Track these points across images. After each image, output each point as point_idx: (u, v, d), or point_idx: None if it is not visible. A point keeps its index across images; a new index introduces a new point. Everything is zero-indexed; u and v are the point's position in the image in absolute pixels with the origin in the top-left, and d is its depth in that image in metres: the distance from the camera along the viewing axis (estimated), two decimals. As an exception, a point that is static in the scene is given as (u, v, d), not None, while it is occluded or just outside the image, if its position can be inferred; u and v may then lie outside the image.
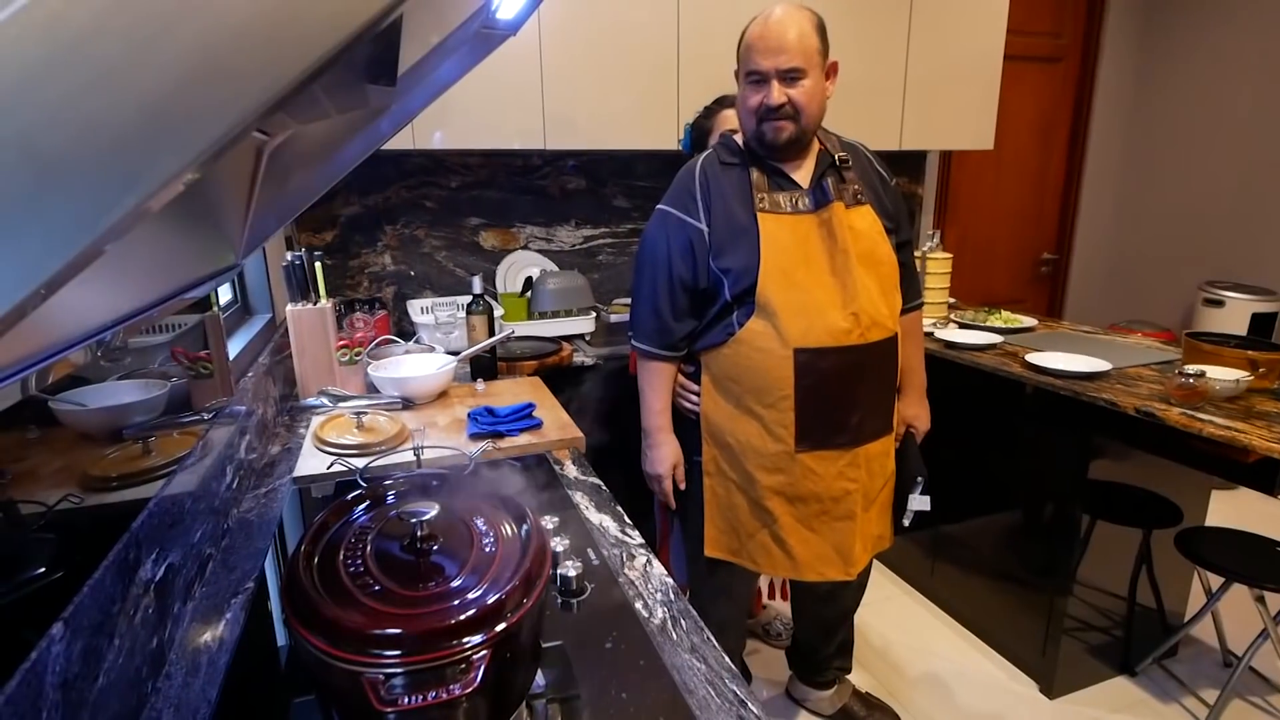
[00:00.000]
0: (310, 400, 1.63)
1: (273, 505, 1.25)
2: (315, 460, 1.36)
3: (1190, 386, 1.64)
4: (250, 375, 1.45)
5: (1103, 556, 1.93)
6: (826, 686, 1.89)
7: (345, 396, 1.58)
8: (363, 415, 1.46)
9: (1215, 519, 2.06)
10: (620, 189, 2.74)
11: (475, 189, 2.57)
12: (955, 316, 2.59)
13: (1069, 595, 1.92)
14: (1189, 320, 3.42)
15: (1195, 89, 3.47)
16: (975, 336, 2.29)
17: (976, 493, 2.21)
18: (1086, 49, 3.55)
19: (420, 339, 2.21)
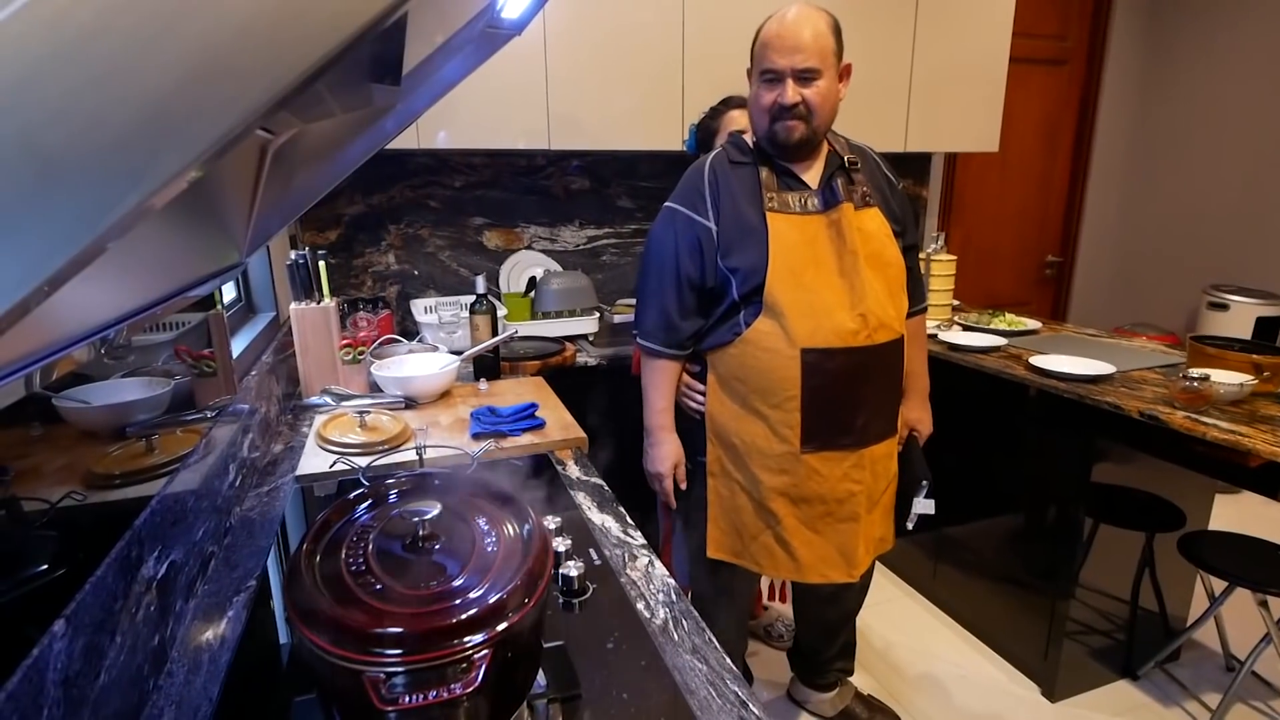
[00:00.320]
0: (313, 399, 1.63)
1: (275, 504, 1.25)
2: (318, 459, 1.36)
3: (1194, 390, 1.64)
4: (253, 374, 1.45)
5: (1105, 560, 1.93)
6: (828, 688, 1.88)
7: (348, 395, 1.59)
8: (365, 414, 1.46)
9: (1218, 523, 2.05)
10: (624, 189, 2.74)
11: (479, 189, 2.57)
12: (959, 319, 2.59)
13: (1071, 598, 1.91)
14: (1193, 324, 3.41)
15: (1200, 92, 3.46)
16: (979, 339, 2.28)
17: (979, 495, 2.20)
18: (1092, 52, 3.54)
19: (423, 338, 2.21)
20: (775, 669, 2.08)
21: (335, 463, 1.33)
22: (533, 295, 2.45)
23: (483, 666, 0.56)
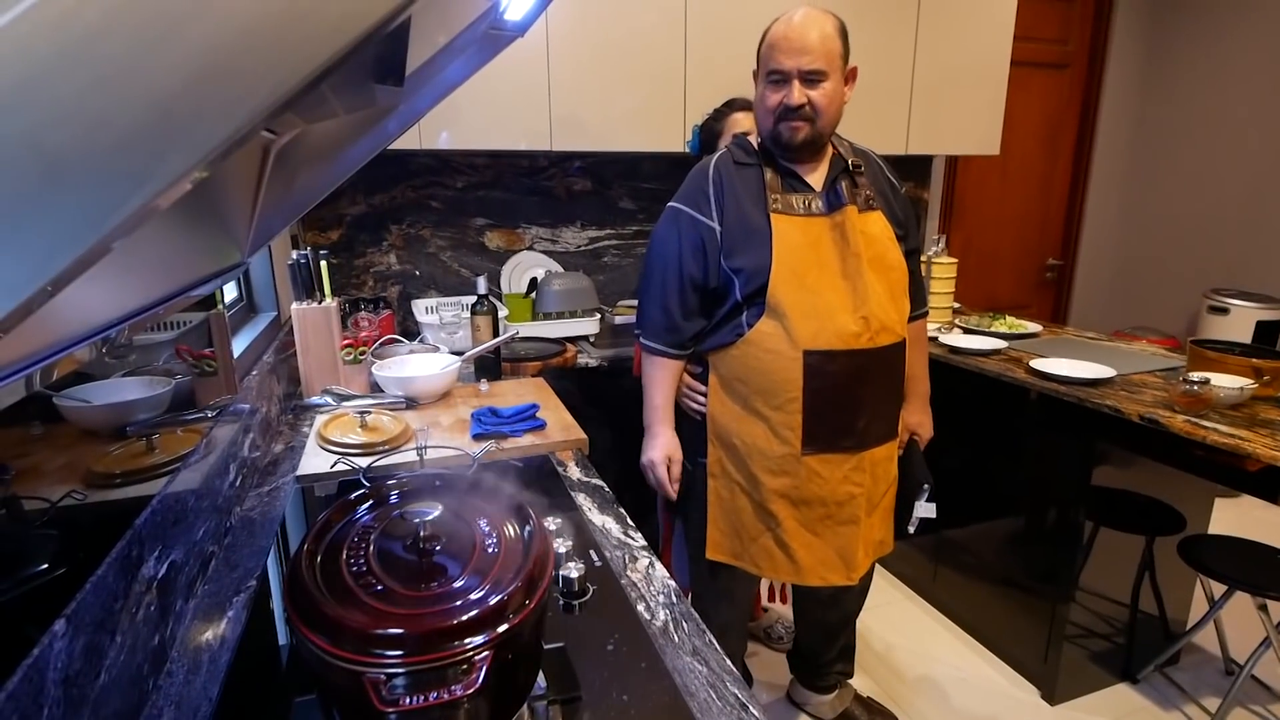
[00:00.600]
0: (314, 399, 1.63)
1: (276, 504, 1.25)
2: (319, 459, 1.36)
3: (1194, 394, 1.64)
4: (254, 373, 1.45)
5: (1105, 563, 1.93)
6: (828, 691, 1.88)
7: (349, 395, 1.59)
8: (366, 414, 1.46)
9: (1218, 527, 2.05)
10: (626, 191, 2.74)
11: (481, 189, 2.57)
12: (960, 322, 2.59)
13: (1071, 602, 1.91)
14: (1194, 327, 3.41)
15: (1202, 96, 3.46)
16: (979, 342, 2.28)
17: (979, 498, 2.20)
18: (1093, 56, 3.55)
19: (425, 339, 2.21)
20: (775, 671, 2.08)
21: (336, 463, 1.33)
22: (534, 296, 2.45)
23: (483, 668, 0.56)
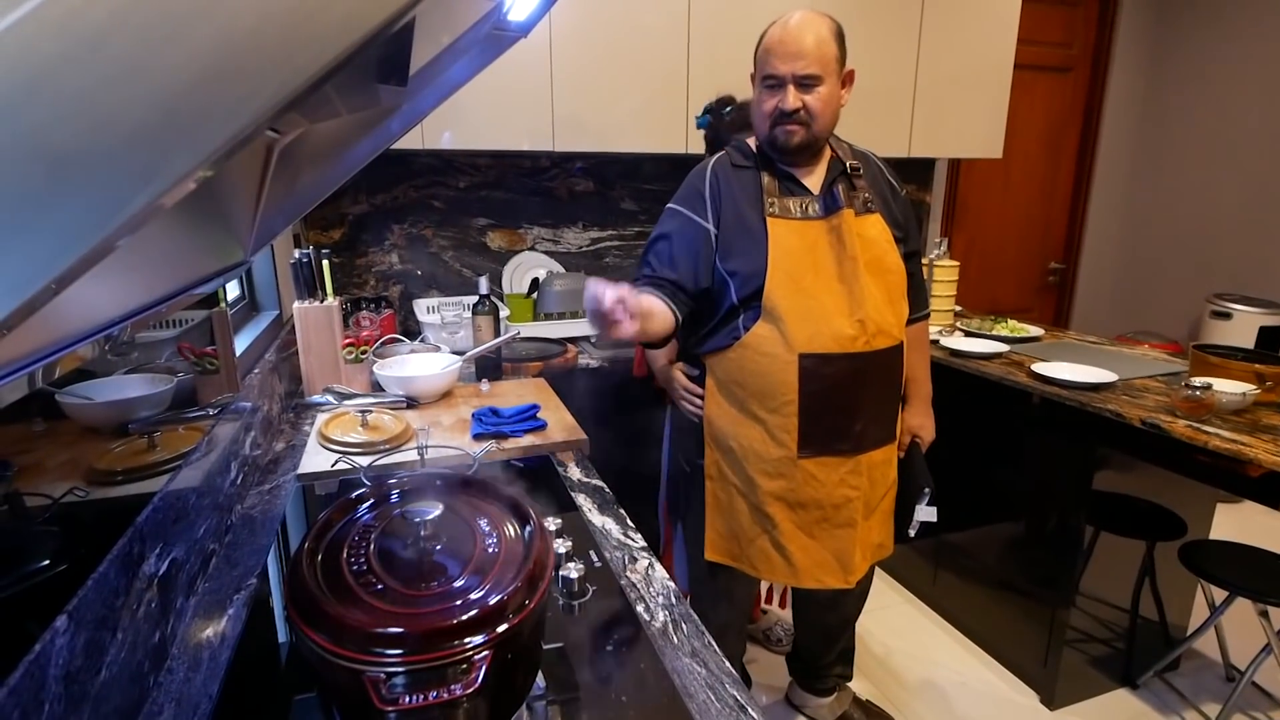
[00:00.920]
0: (316, 397, 1.63)
1: (276, 502, 1.25)
2: (319, 457, 1.36)
3: (1196, 399, 1.63)
4: (256, 371, 1.45)
5: (1106, 568, 1.92)
6: (827, 693, 1.88)
7: (350, 394, 1.59)
8: (367, 413, 1.47)
9: (1219, 532, 2.05)
10: (628, 191, 2.74)
11: (483, 189, 2.58)
12: (961, 325, 2.59)
13: (1071, 606, 1.91)
14: (1196, 332, 3.40)
15: (1205, 101, 3.46)
16: (981, 345, 2.28)
17: (980, 502, 2.20)
18: (1097, 59, 3.54)
19: (426, 338, 2.21)
20: (774, 673, 2.07)
21: (337, 462, 1.33)
22: (535, 296, 2.45)
23: (483, 667, 0.56)
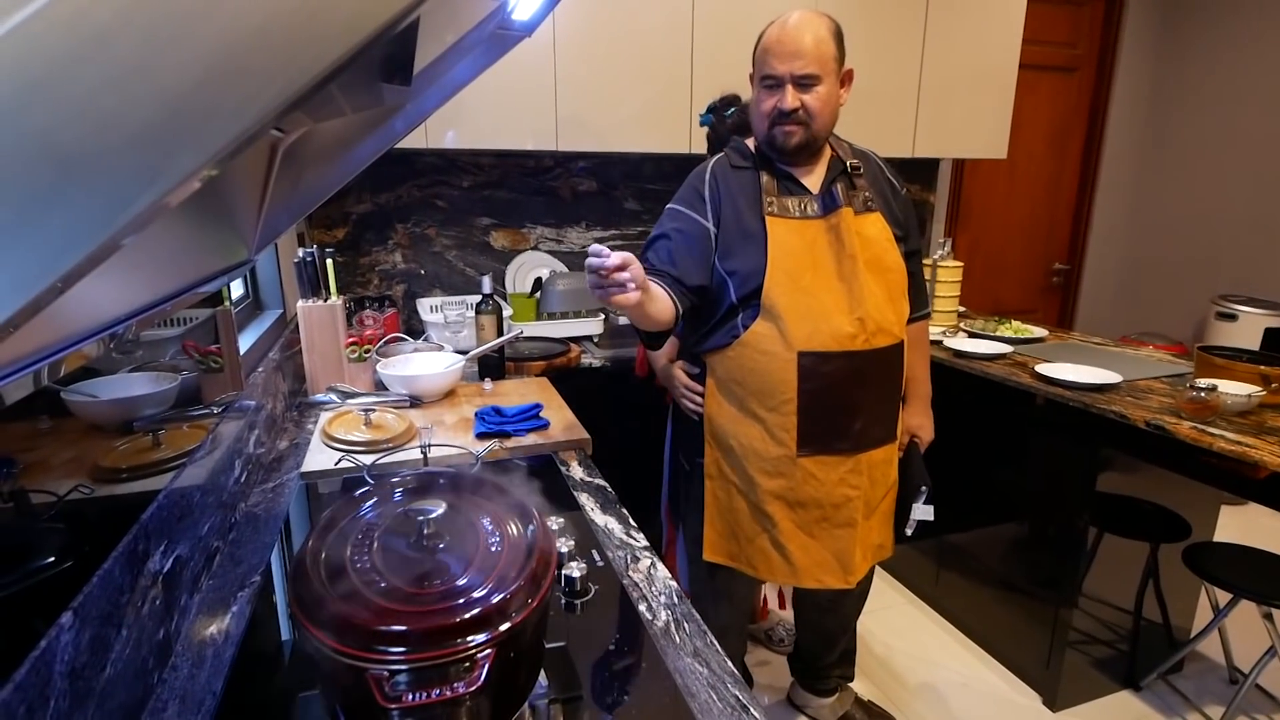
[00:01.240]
0: (319, 396, 1.64)
1: (280, 500, 1.25)
2: (323, 456, 1.37)
3: (1201, 400, 1.63)
4: (260, 370, 1.46)
5: (1109, 570, 1.92)
6: (828, 694, 1.88)
7: (354, 393, 1.59)
8: (371, 412, 1.47)
9: (1224, 534, 2.04)
10: (631, 191, 2.74)
11: (486, 189, 2.58)
12: (965, 325, 2.58)
13: (1074, 608, 1.90)
14: (1201, 334, 3.39)
15: (1211, 101, 3.44)
16: (985, 346, 2.28)
17: (983, 502, 2.19)
18: (1102, 59, 3.53)
19: (429, 337, 2.22)
20: (776, 673, 2.07)
21: (340, 460, 1.34)
22: (538, 296, 2.45)
23: (486, 666, 0.56)
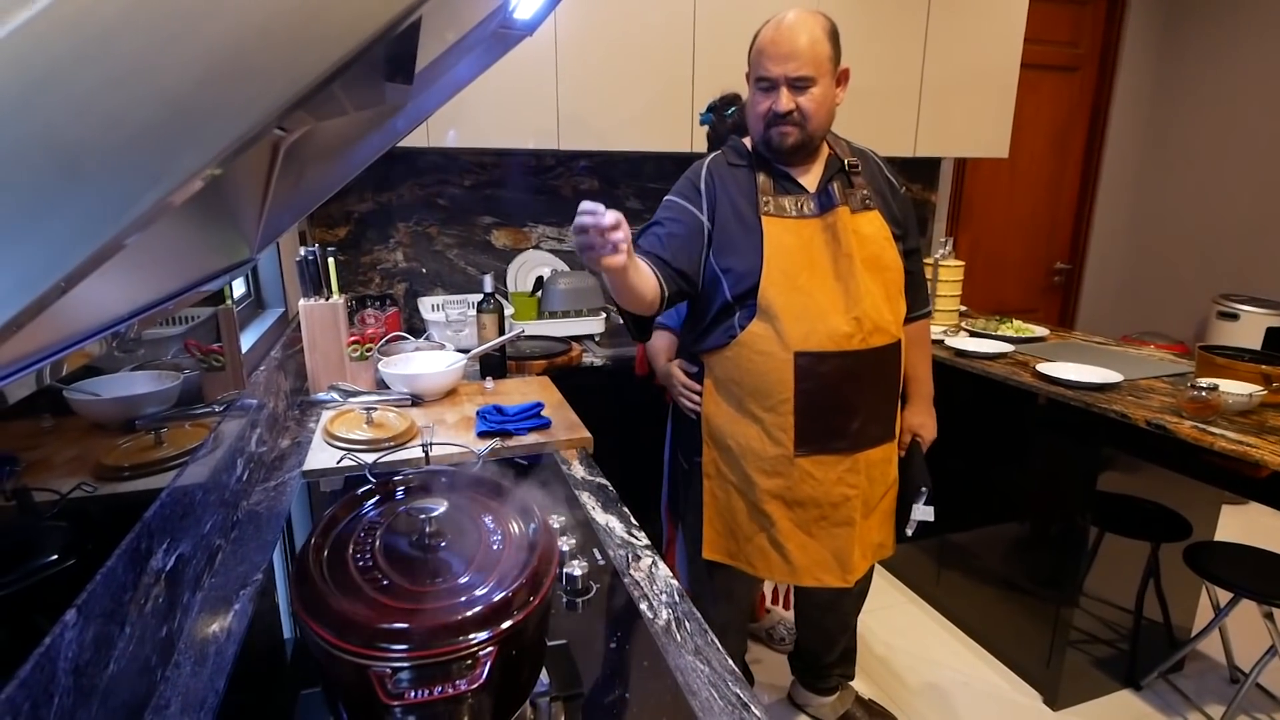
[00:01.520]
0: (321, 395, 1.64)
1: (282, 498, 1.25)
2: (325, 454, 1.37)
3: (1202, 400, 1.63)
4: (262, 369, 1.46)
5: (1110, 569, 1.92)
6: (829, 693, 1.88)
7: (355, 392, 1.60)
8: (372, 411, 1.47)
9: (1225, 534, 2.04)
10: (633, 190, 2.74)
11: (488, 188, 2.58)
12: (966, 325, 2.58)
13: (1075, 607, 1.90)
14: (1203, 333, 3.39)
15: (1213, 101, 3.44)
16: (986, 345, 2.28)
17: (984, 502, 2.19)
18: (1104, 59, 3.53)
19: (430, 336, 2.22)
20: (777, 672, 2.07)
21: (342, 459, 1.34)
22: (540, 295, 2.45)
23: (488, 663, 0.56)
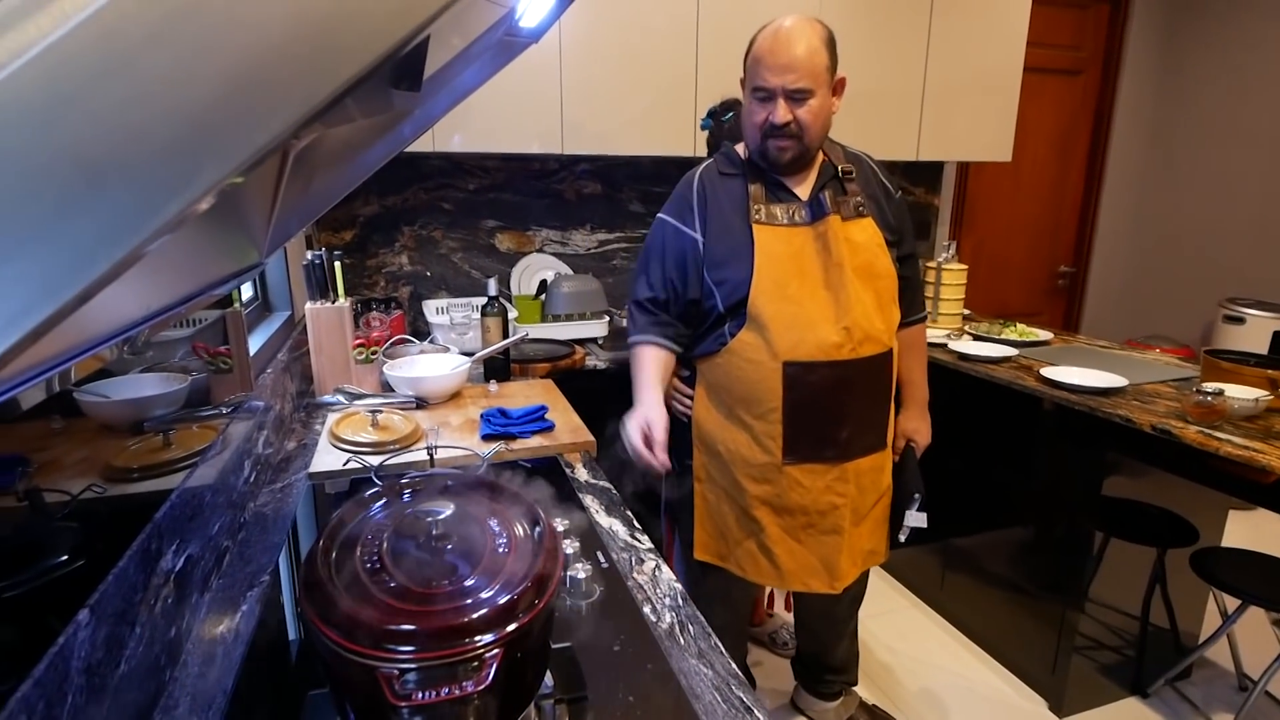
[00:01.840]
0: (327, 397, 1.65)
1: (288, 500, 1.26)
2: (330, 457, 1.38)
3: (1208, 405, 1.63)
4: (269, 371, 1.47)
5: (1116, 574, 1.91)
6: (832, 698, 1.88)
7: (361, 394, 1.60)
8: (378, 413, 1.48)
9: (1232, 540, 2.04)
10: (636, 194, 2.75)
11: (492, 192, 2.59)
12: (970, 328, 2.58)
13: (1081, 613, 1.90)
14: (1208, 337, 3.38)
15: (1217, 103, 3.44)
16: (990, 349, 2.28)
17: (988, 506, 2.19)
18: (1107, 62, 3.53)
19: (435, 339, 2.23)
20: (780, 676, 2.07)
21: (348, 461, 1.35)
22: (543, 298, 2.46)
23: (494, 665, 0.57)
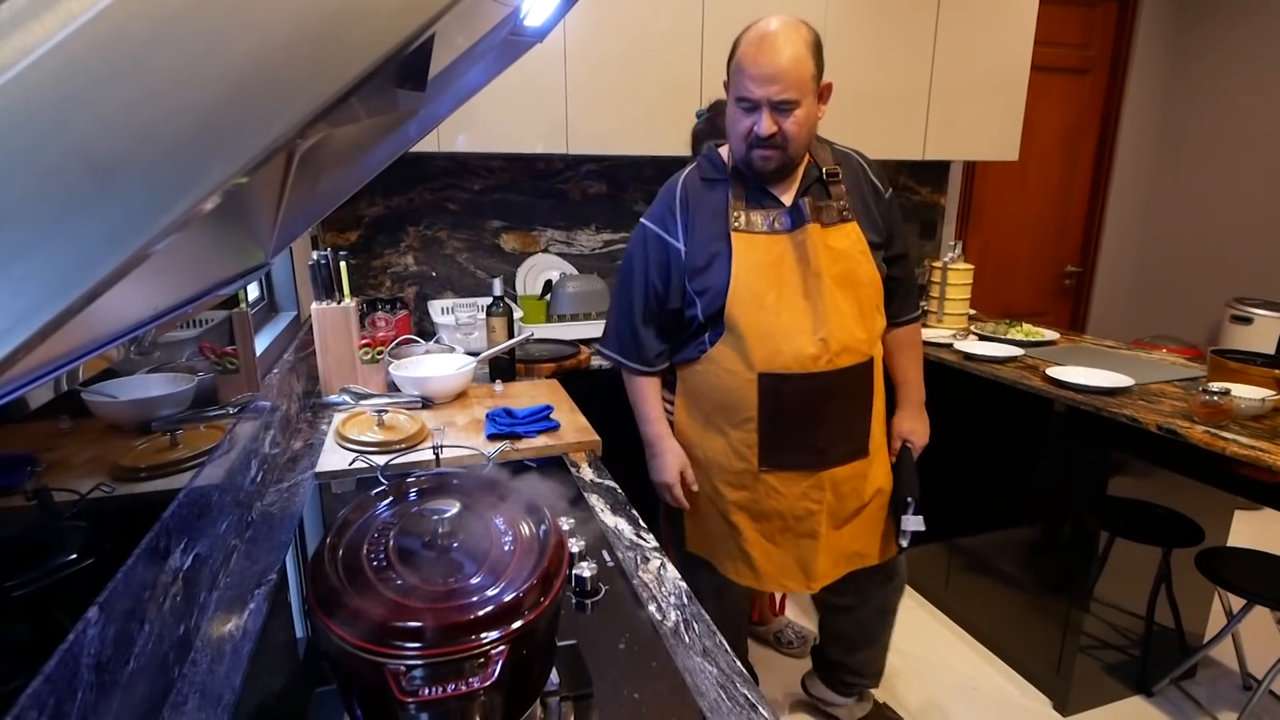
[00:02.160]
0: (333, 397, 1.65)
1: (295, 500, 1.27)
2: (336, 456, 1.38)
3: (1214, 404, 1.62)
4: (275, 371, 1.48)
5: (1121, 574, 1.91)
6: (846, 693, 1.85)
7: (367, 394, 1.61)
8: (384, 413, 1.48)
9: (1237, 539, 2.03)
10: (641, 194, 2.75)
11: (497, 192, 2.60)
12: (976, 328, 2.57)
13: (1086, 612, 1.89)
14: (1215, 337, 3.36)
15: (1225, 103, 3.42)
16: (995, 349, 2.27)
17: (994, 506, 2.19)
18: (1115, 61, 3.52)
19: (440, 339, 2.23)
20: (784, 676, 2.07)
21: (354, 461, 1.35)
22: (548, 298, 2.47)
23: (499, 662, 0.57)
